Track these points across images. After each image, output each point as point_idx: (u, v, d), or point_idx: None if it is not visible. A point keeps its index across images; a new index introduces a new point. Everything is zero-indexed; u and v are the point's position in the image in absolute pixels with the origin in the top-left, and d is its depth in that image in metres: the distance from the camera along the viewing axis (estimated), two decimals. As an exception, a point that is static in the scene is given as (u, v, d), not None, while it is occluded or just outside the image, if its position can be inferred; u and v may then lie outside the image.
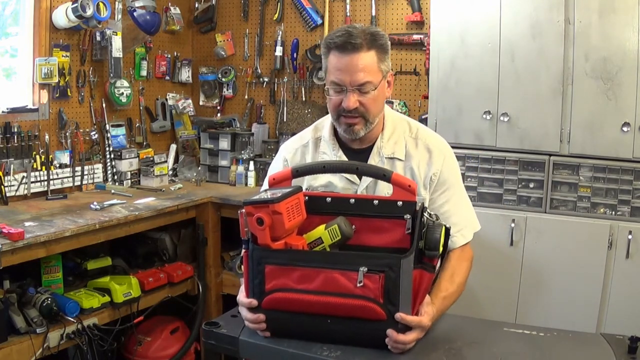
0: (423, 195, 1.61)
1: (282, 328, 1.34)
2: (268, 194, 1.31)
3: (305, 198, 1.38)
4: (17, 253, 2.20)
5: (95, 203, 2.76)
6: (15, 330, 2.23)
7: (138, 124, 3.54)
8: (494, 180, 2.67)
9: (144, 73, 3.53)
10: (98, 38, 3.16)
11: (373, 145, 1.65)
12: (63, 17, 2.91)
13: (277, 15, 3.59)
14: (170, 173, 3.54)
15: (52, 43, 2.95)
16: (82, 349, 2.40)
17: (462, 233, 1.64)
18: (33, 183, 2.88)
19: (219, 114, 3.85)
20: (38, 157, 2.88)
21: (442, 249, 1.31)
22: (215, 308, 3.19)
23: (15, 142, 2.79)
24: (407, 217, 1.34)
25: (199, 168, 3.61)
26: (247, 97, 3.77)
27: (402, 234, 1.35)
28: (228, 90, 3.82)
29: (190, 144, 3.80)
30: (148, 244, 3.11)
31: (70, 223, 2.46)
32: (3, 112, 2.78)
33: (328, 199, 1.40)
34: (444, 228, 1.30)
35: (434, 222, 1.31)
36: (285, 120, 3.65)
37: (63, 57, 3.00)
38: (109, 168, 3.30)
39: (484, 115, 2.62)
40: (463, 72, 2.66)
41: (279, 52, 3.58)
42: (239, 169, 3.45)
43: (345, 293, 1.25)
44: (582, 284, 2.49)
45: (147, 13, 3.29)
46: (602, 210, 2.50)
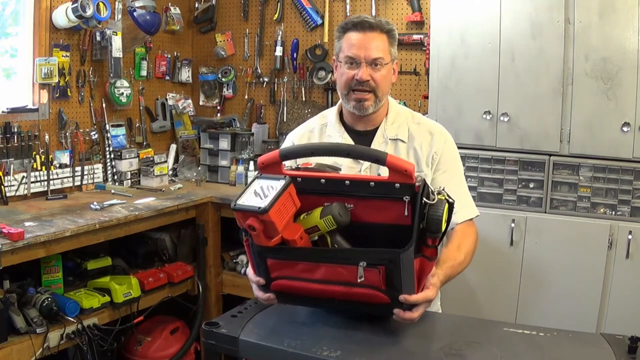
0: (425, 172, 1.65)
1: (292, 300, 1.38)
2: (257, 199, 1.23)
3: (299, 179, 1.32)
4: (17, 253, 2.20)
5: (95, 203, 2.76)
6: (15, 330, 2.23)
7: (138, 124, 3.54)
8: (494, 180, 2.67)
9: (144, 73, 3.53)
10: (98, 38, 3.16)
11: (377, 128, 1.71)
12: (63, 17, 2.91)
13: (277, 15, 3.59)
14: (170, 173, 3.54)
15: (52, 43, 2.95)
16: (82, 349, 2.40)
17: (464, 209, 1.64)
18: (33, 183, 2.88)
19: (219, 114, 3.85)
20: (38, 157, 2.88)
21: (444, 226, 1.24)
22: (215, 308, 3.19)
23: (15, 142, 2.79)
24: (406, 198, 1.26)
25: (199, 168, 3.61)
26: (247, 97, 3.78)
27: (402, 211, 1.28)
28: (228, 90, 3.82)
29: (190, 144, 3.80)
30: (148, 244, 3.11)
31: (70, 223, 2.46)
32: (3, 112, 2.78)
33: (322, 180, 1.33)
34: (447, 204, 1.24)
35: (436, 199, 1.24)
36: (285, 120, 3.65)
37: (63, 57, 3.00)
38: (109, 168, 3.30)
39: (484, 115, 2.62)
40: (463, 72, 2.66)
41: (279, 52, 3.58)
42: (239, 169, 3.45)
43: (349, 282, 1.24)
44: (582, 284, 2.49)
45: (147, 13, 3.29)
46: (602, 210, 2.50)
